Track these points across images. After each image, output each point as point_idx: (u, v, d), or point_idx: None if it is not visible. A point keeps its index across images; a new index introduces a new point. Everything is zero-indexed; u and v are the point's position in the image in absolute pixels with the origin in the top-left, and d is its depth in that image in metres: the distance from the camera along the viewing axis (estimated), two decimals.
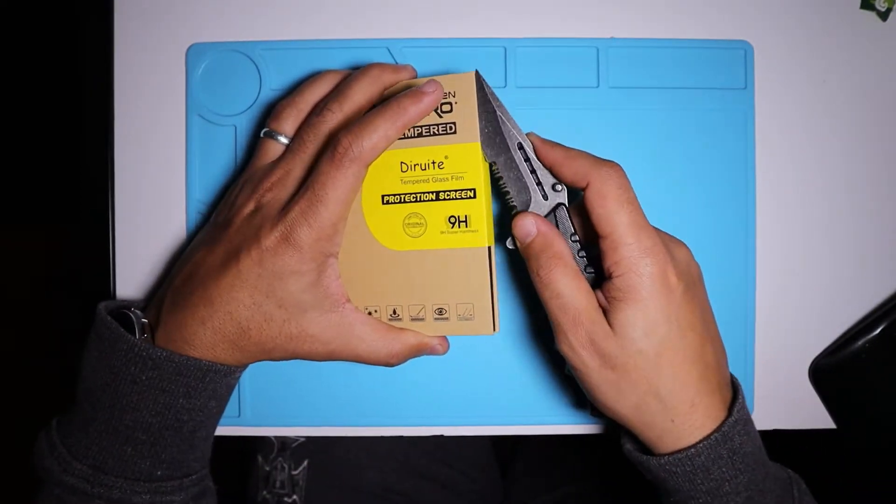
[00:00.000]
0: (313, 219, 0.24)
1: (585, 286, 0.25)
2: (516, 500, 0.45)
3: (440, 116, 0.28)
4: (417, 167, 0.28)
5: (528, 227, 0.26)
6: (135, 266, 0.33)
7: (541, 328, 0.32)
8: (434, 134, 0.28)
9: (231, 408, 0.32)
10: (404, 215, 0.28)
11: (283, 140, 0.28)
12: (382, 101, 0.26)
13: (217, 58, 0.32)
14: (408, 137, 0.28)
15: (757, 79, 0.32)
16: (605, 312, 0.25)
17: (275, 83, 0.32)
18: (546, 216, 0.27)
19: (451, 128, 0.28)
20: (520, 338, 0.32)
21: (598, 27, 0.32)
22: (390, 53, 0.32)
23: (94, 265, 0.33)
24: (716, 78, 0.32)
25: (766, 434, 0.32)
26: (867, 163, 0.33)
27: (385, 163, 0.28)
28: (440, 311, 0.28)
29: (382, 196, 0.28)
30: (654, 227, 0.25)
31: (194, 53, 0.32)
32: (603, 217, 0.24)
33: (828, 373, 0.32)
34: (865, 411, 0.32)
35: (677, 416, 0.24)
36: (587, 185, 0.25)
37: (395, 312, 0.29)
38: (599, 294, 0.25)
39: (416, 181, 0.28)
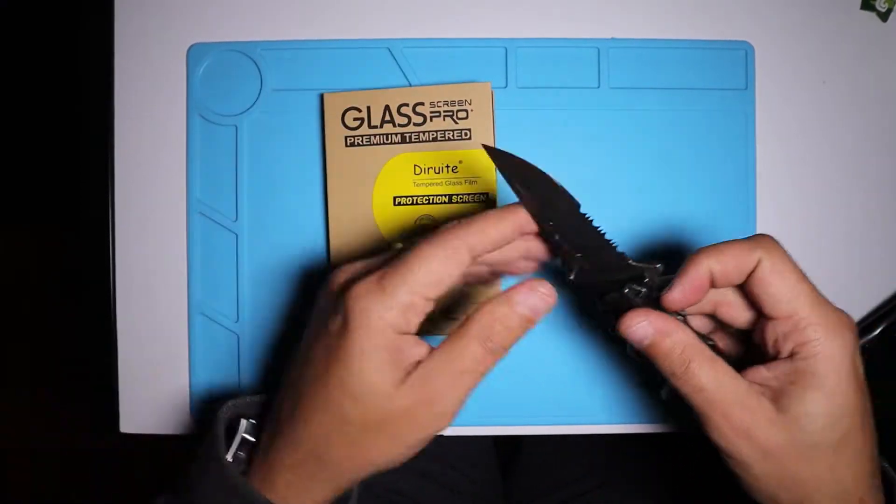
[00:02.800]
0: (388, 289, 0.21)
1: (726, 370, 0.21)
2: (517, 501, 0.45)
3: (455, 123, 0.29)
4: (431, 170, 0.29)
5: (641, 330, 0.22)
6: (135, 266, 0.33)
7: (542, 327, 0.32)
8: (449, 139, 0.29)
9: None
10: (416, 217, 0.29)
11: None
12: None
13: (218, 58, 0.32)
14: (423, 142, 0.29)
15: (757, 79, 0.32)
16: (775, 395, 0.21)
17: (275, 83, 0.32)
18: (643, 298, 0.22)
19: (466, 133, 0.29)
20: (529, 333, 0.32)
21: (599, 27, 0.32)
22: (391, 54, 0.32)
23: (94, 265, 0.33)
24: (716, 78, 0.32)
25: None
26: (867, 163, 0.33)
27: (399, 165, 0.29)
28: (449, 310, 0.29)
29: (394, 198, 0.29)
30: (823, 295, 0.22)
31: (195, 53, 0.32)
32: (781, 298, 0.21)
33: None
34: None
35: None
36: (758, 263, 0.21)
37: None
38: (763, 371, 0.22)
39: (430, 184, 0.29)
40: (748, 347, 0.24)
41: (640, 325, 0.22)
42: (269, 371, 0.32)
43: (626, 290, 0.22)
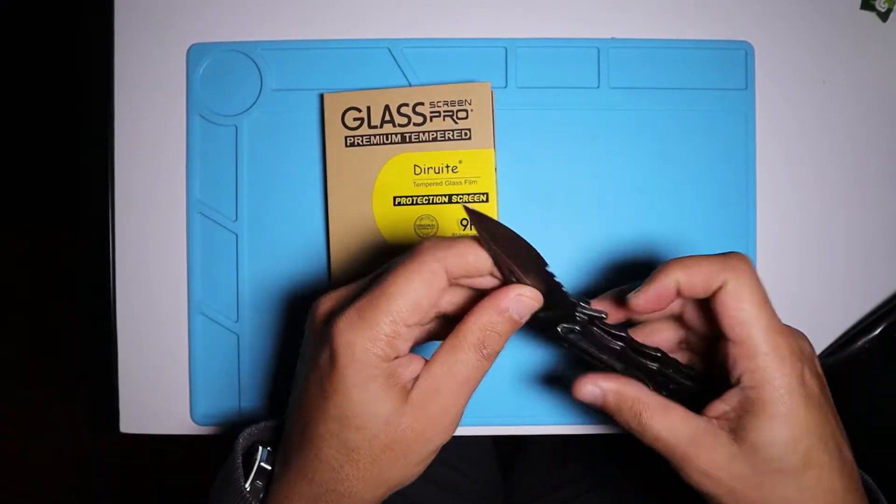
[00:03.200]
0: (369, 319, 0.21)
1: (680, 414, 0.22)
2: (518, 501, 0.45)
3: (455, 123, 0.29)
4: (431, 170, 0.29)
5: (590, 394, 0.23)
6: (135, 266, 0.33)
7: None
8: (449, 139, 0.29)
9: (230, 406, 0.32)
10: (416, 217, 0.29)
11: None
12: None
13: (218, 58, 0.32)
14: (423, 142, 0.29)
15: (757, 79, 0.32)
16: (732, 426, 0.21)
17: (275, 83, 0.32)
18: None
19: (465, 133, 0.29)
20: (522, 336, 0.32)
21: (599, 27, 0.32)
22: (391, 54, 0.32)
23: (94, 265, 0.32)
24: (716, 78, 0.32)
25: None
26: (867, 163, 0.33)
27: (399, 165, 0.29)
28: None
29: (394, 198, 0.29)
30: (779, 321, 0.22)
31: (195, 53, 0.32)
32: (737, 321, 0.21)
33: (827, 374, 0.32)
34: (865, 412, 0.32)
35: None
36: (723, 284, 0.21)
37: None
38: (719, 405, 0.22)
39: (430, 184, 0.29)
40: (713, 365, 0.24)
41: (588, 390, 0.23)
42: (268, 371, 0.32)
43: (560, 329, 0.22)
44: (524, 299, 0.22)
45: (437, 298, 0.21)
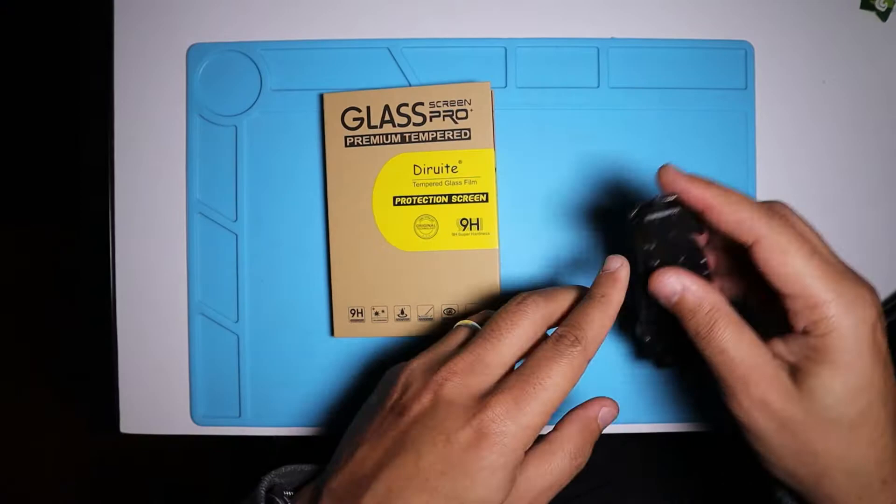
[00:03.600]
0: (526, 409, 0.20)
1: (752, 337, 0.21)
2: None
3: (455, 122, 0.29)
4: (431, 170, 0.29)
5: (670, 286, 0.22)
6: (135, 267, 0.33)
7: None
8: (449, 139, 0.29)
9: (231, 407, 0.32)
10: (416, 217, 0.29)
11: (474, 325, 0.24)
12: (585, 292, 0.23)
13: (217, 58, 0.32)
14: (423, 142, 0.29)
15: (757, 79, 0.32)
16: (792, 369, 0.21)
17: (275, 83, 0.32)
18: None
19: (465, 133, 0.29)
20: None
21: (599, 27, 0.32)
22: (390, 54, 0.32)
23: (93, 265, 0.33)
24: (716, 78, 0.32)
25: None
26: (867, 162, 0.33)
27: (398, 165, 0.29)
28: (449, 311, 0.29)
29: (394, 198, 0.29)
30: (846, 266, 0.21)
31: (195, 53, 0.32)
32: (788, 277, 0.20)
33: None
34: None
35: (866, 494, 0.21)
36: (755, 241, 0.21)
37: (402, 312, 0.29)
38: (780, 345, 0.21)
39: (430, 184, 0.29)
40: (774, 314, 0.22)
41: (670, 281, 0.22)
42: (269, 372, 0.32)
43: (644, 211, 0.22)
44: (612, 411, 0.23)
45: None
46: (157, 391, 0.33)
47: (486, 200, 0.29)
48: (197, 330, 0.32)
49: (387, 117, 0.30)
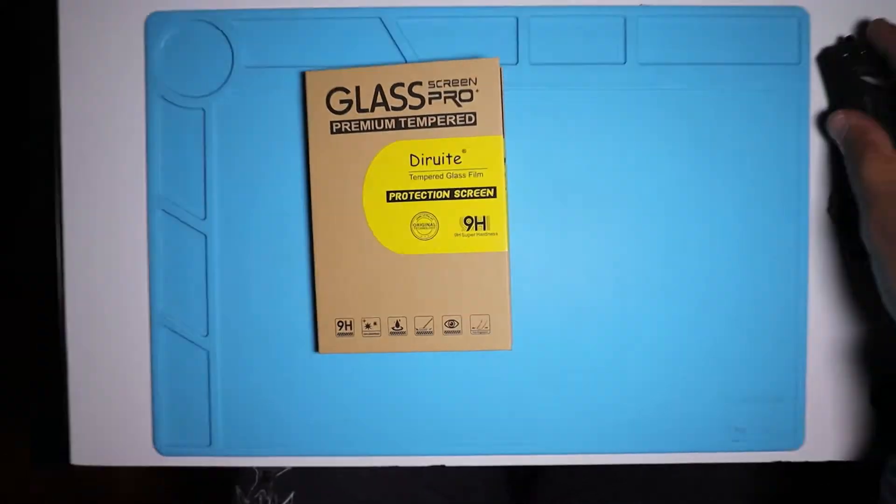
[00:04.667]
0: None
1: None
2: None
3: (458, 105, 0.29)
4: (430, 161, 0.29)
5: (840, 121, 0.29)
6: (87, 273, 0.33)
7: (566, 340, 0.32)
8: (451, 124, 0.29)
9: (200, 435, 0.32)
10: (413, 215, 0.29)
11: None
12: None
13: (182, 29, 0.32)
14: (420, 127, 0.29)
15: (813, 52, 0.32)
16: None
17: (249, 59, 0.32)
18: None
19: (470, 118, 0.29)
20: (538, 351, 0.32)
21: None
22: (383, 25, 0.32)
23: (38, 271, 0.33)
24: (764, 51, 0.32)
25: (820, 467, 0.32)
26: None
27: (393, 155, 0.29)
28: (451, 324, 0.29)
29: (388, 192, 0.29)
30: None
31: (155, 24, 0.32)
32: None
33: (892, 395, 0.32)
34: None
35: None
36: None
37: (398, 325, 0.29)
38: None
39: (428, 176, 0.29)
40: None
41: (840, 117, 0.29)
42: (244, 393, 0.32)
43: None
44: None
45: None
46: (113, 416, 0.33)
47: (495, 196, 0.29)
48: (160, 345, 0.32)
49: (379, 99, 0.29)
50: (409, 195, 0.29)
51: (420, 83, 0.29)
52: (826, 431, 0.33)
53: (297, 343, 0.32)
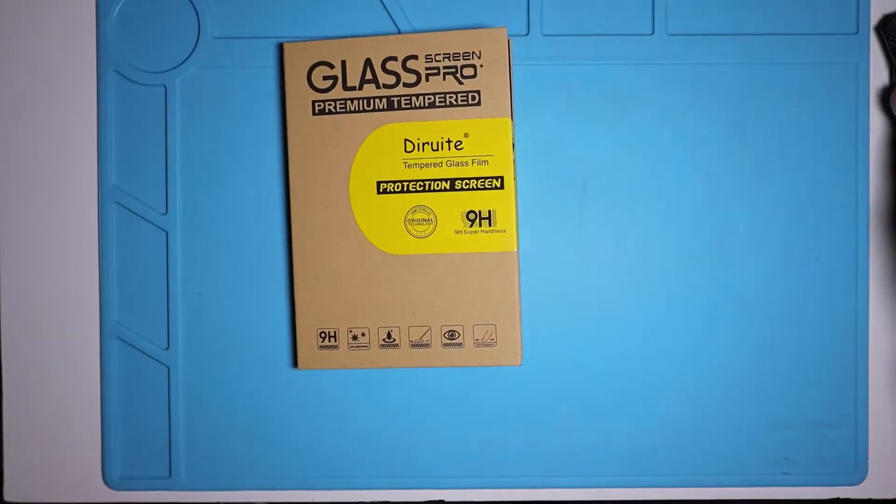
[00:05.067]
0: None
1: None
2: None
3: (460, 83, 0.29)
4: (427, 146, 0.29)
5: None
6: (26, 273, 0.32)
7: (584, 354, 0.31)
8: (451, 104, 0.29)
9: (158, 466, 0.32)
10: (407, 209, 0.29)
11: None
12: None
13: None
14: (416, 108, 0.29)
15: (872, 20, 0.31)
16: None
17: (218, 29, 0.31)
18: None
19: (473, 97, 0.29)
20: (552, 367, 0.31)
21: None
22: None
23: None
24: (815, 20, 0.31)
25: None
26: None
27: (384, 139, 0.29)
28: (451, 336, 0.29)
29: (378, 183, 0.29)
30: None
31: None
32: None
33: None
34: None
35: None
36: None
37: (389, 336, 0.30)
38: None
39: (425, 164, 0.29)
40: None
41: None
42: (211, 416, 0.32)
43: None
44: None
45: None
46: (56, 444, 0.32)
47: (502, 187, 0.29)
48: (112, 359, 0.31)
49: (368, 76, 0.29)
50: (402, 186, 0.29)
51: (416, 57, 0.29)
52: (893, 463, 0.32)
53: (273, 357, 0.31)
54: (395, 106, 0.29)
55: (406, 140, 0.29)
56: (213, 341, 0.31)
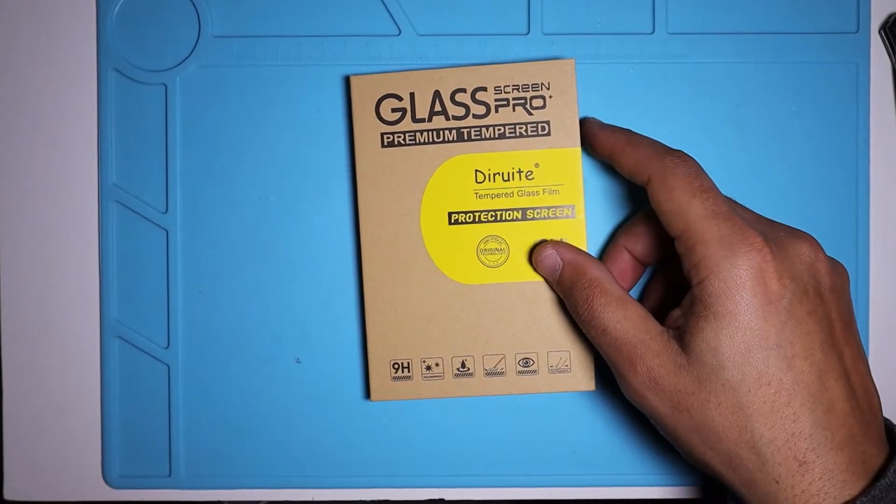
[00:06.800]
0: None
1: (637, 311, 0.25)
2: None
3: (529, 113, 0.29)
4: (498, 177, 0.29)
5: (550, 259, 0.27)
6: (26, 273, 0.32)
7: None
8: (521, 135, 0.29)
9: (159, 464, 0.32)
10: (479, 239, 0.29)
11: None
12: None
13: None
14: (486, 139, 0.29)
15: (874, 19, 0.31)
16: (680, 333, 0.24)
17: (219, 27, 0.31)
18: None
19: (543, 128, 0.29)
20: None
21: None
22: None
23: None
24: (816, 18, 0.31)
25: None
26: None
27: (455, 171, 0.29)
28: (526, 363, 0.29)
29: (450, 214, 0.29)
30: (757, 216, 0.25)
31: None
32: (672, 213, 0.24)
33: None
34: None
35: (782, 476, 0.23)
36: (648, 178, 0.25)
37: (463, 366, 0.29)
38: (676, 311, 0.25)
39: (497, 195, 0.29)
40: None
41: (549, 254, 0.27)
42: (211, 415, 0.31)
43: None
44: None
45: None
46: (56, 443, 0.32)
47: (573, 216, 0.29)
48: (112, 358, 0.31)
49: (437, 108, 0.29)
50: (474, 216, 0.29)
51: (485, 89, 0.29)
52: None
53: (274, 356, 0.31)
54: (466, 137, 0.29)
55: (477, 171, 0.29)
56: (213, 340, 0.31)
